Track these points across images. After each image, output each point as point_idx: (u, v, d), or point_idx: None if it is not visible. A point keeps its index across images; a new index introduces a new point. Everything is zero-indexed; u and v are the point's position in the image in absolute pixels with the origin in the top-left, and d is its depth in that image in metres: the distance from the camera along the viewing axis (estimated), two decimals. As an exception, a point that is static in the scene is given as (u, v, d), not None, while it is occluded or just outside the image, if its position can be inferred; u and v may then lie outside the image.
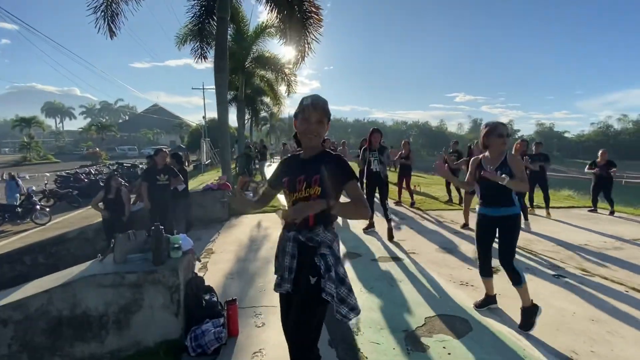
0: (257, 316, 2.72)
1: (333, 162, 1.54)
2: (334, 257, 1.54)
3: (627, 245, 4.88)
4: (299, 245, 1.57)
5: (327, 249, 1.53)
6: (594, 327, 2.62)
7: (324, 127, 1.57)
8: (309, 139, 1.56)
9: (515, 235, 2.64)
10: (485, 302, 2.88)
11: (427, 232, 5.44)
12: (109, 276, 2.14)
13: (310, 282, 1.50)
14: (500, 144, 2.61)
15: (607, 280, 3.55)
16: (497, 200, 2.62)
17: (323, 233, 1.55)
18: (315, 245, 1.54)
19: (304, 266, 1.54)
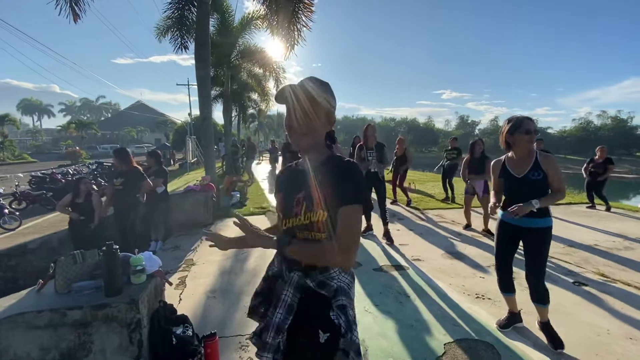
0: (243, 349, 2.25)
1: (342, 171, 1.06)
2: (352, 309, 1.10)
3: (636, 245, 4.62)
4: (303, 295, 1.09)
5: (346, 299, 1.07)
6: (635, 348, 2.26)
7: (318, 120, 1.10)
8: (293, 139, 1.13)
9: (547, 249, 2.25)
10: (509, 321, 2.49)
11: (429, 234, 5.06)
12: (45, 314, 1.63)
13: (319, 339, 1.02)
14: (527, 142, 2.21)
15: (630, 287, 3.23)
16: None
17: (339, 275, 1.09)
18: (329, 294, 1.07)
19: (306, 327, 1.06)
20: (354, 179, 1.05)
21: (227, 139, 16.01)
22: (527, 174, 2.22)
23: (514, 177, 2.28)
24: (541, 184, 2.19)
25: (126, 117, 60.72)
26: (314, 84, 1.11)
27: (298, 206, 1.08)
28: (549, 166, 2.19)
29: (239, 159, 14.45)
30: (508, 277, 2.47)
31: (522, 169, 2.25)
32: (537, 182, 2.20)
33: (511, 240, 2.39)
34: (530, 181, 2.21)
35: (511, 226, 2.30)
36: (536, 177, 2.19)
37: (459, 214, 6.09)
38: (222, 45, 13.08)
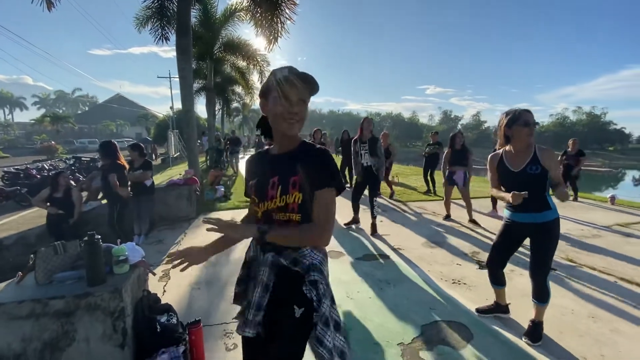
0: (228, 336, 2.30)
1: (314, 157, 1.13)
2: (325, 285, 1.16)
3: (603, 233, 4.91)
4: (278, 273, 1.15)
5: (318, 274, 1.14)
6: (596, 326, 2.45)
7: (306, 108, 1.16)
8: (289, 124, 1.13)
9: (554, 244, 2.17)
10: (492, 310, 2.53)
11: (411, 225, 5.21)
12: (26, 304, 1.62)
13: (294, 314, 1.09)
14: (526, 135, 2.11)
15: (595, 271, 3.45)
16: (529, 204, 2.10)
17: (311, 253, 1.16)
18: (303, 270, 1.14)
19: (282, 300, 1.13)
20: (327, 164, 1.12)
21: (211, 133, 15.78)
22: (524, 168, 2.14)
23: (510, 171, 2.20)
24: (539, 179, 2.11)
25: (104, 111, 58.60)
26: (302, 73, 1.14)
27: (273, 189, 1.14)
28: (550, 161, 2.11)
29: (223, 153, 14.27)
30: (501, 272, 2.43)
31: (519, 163, 2.17)
32: (534, 177, 2.11)
33: (516, 240, 2.33)
34: (528, 176, 2.12)
35: (518, 224, 2.23)
36: (534, 172, 2.11)
37: (440, 206, 6.28)
38: (204, 37, 12.83)
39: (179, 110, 32.29)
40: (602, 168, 35.00)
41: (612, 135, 57.41)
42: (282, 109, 1.11)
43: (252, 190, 1.24)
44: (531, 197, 2.05)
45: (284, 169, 1.14)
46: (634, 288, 3.06)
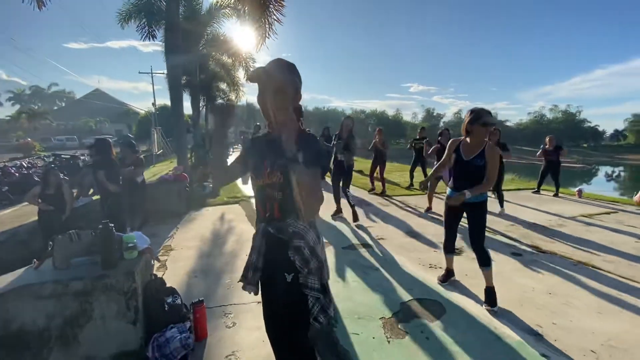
0: (227, 316, 2.53)
1: (302, 142, 1.28)
2: (309, 250, 1.33)
3: (568, 222, 5.36)
4: (268, 239, 1.35)
5: (300, 240, 1.31)
6: (553, 300, 2.81)
7: (288, 97, 1.29)
8: (268, 115, 1.30)
9: (484, 219, 2.69)
10: (447, 276, 3.04)
11: (394, 217, 5.53)
12: (48, 285, 1.81)
13: (286, 280, 1.31)
14: (482, 133, 2.54)
15: (556, 255, 3.85)
16: (469, 187, 2.56)
17: (295, 223, 1.33)
18: (287, 237, 1.32)
19: (274, 264, 1.34)
20: (313, 147, 1.28)
21: (196, 130, 15.74)
22: (472, 159, 2.55)
23: (462, 159, 2.63)
24: (481, 170, 2.55)
25: (83, 107, 56.61)
26: (283, 64, 1.29)
27: (265, 169, 1.32)
28: (490, 156, 2.52)
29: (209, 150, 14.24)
30: (452, 242, 2.93)
31: (470, 154, 2.58)
32: (478, 168, 2.55)
33: (456, 213, 2.80)
34: (473, 166, 2.56)
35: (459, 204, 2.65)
36: (478, 164, 2.53)
37: (421, 200, 6.65)
38: (189, 33, 12.78)
39: (161, 106, 31.85)
40: (576, 164, 36.58)
41: (587, 133, 59.84)
42: (261, 103, 1.29)
43: (250, 167, 1.40)
44: (472, 182, 2.55)
45: (274, 152, 1.30)
46: (590, 269, 3.46)
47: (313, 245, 1.34)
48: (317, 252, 1.36)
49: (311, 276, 1.31)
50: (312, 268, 1.31)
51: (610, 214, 5.96)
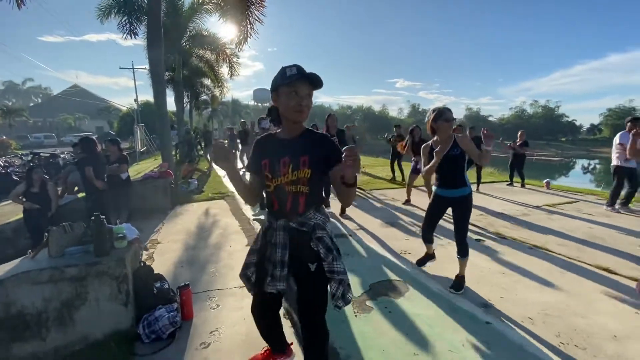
0: (211, 299, 2.76)
1: (321, 141, 1.41)
2: (330, 237, 1.46)
3: (533, 211, 5.79)
4: (290, 234, 1.43)
5: (322, 231, 1.43)
6: (505, 278, 3.16)
7: (311, 100, 1.41)
8: (298, 114, 1.37)
9: (469, 213, 2.85)
10: (425, 259, 3.28)
11: (372, 209, 5.84)
12: (46, 271, 1.99)
13: (310, 269, 1.41)
14: (447, 128, 2.73)
15: (516, 241, 4.22)
16: (453, 183, 2.76)
17: (315, 215, 1.45)
18: (309, 230, 1.42)
19: (298, 257, 1.44)
20: (334, 143, 1.42)
21: (180, 127, 15.67)
22: (448, 151, 2.70)
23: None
24: (460, 158, 2.71)
25: (60, 103, 54.81)
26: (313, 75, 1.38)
27: (285, 167, 1.39)
28: (464, 144, 2.70)
29: (194, 148, 14.24)
30: (431, 233, 3.13)
31: (444, 149, 2.72)
32: (456, 157, 2.71)
33: (441, 209, 2.94)
34: (451, 157, 2.70)
35: (443, 198, 2.85)
36: (455, 153, 2.69)
37: (400, 193, 7.00)
38: (171, 29, 12.69)
39: (144, 102, 31.26)
40: (554, 158, 38.03)
41: (565, 127, 61.96)
42: (294, 102, 1.35)
43: (265, 168, 1.44)
44: (452, 177, 2.75)
45: (294, 150, 1.39)
46: (542, 252, 3.84)
47: (331, 235, 1.49)
48: (334, 240, 1.49)
49: (336, 262, 1.43)
50: (335, 255, 1.44)
51: (572, 203, 6.44)
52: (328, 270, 1.42)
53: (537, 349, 2.12)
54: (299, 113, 1.37)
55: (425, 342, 2.19)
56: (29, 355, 2.04)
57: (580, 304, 2.68)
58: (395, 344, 2.16)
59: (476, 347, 2.14)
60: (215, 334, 2.29)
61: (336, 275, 1.42)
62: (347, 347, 2.12)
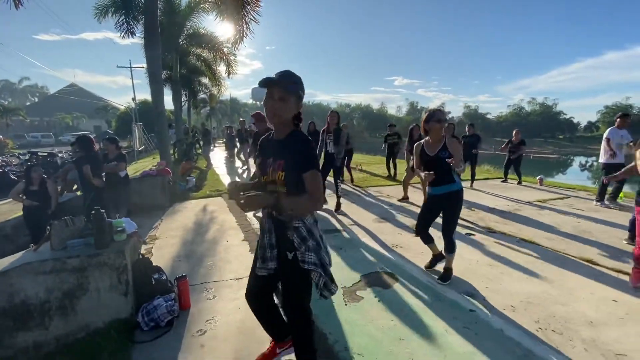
0: (208, 290, 2.87)
1: (297, 146, 1.48)
2: (307, 228, 1.55)
3: (524, 207, 5.92)
4: (274, 221, 1.60)
5: (298, 222, 1.54)
6: (491, 270, 3.27)
7: (288, 105, 1.46)
8: (269, 118, 1.51)
9: (459, 209, 2.92)
10: (433, 262, 3.25)
11: (367, 205, 5.96)
12: (48, 262, 2.09)
13: (288, 257, 1.55)
14: (438, 129, 2.82)
15: (505, 235, 4.34)
16: (441, 180, 2.84)
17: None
18: (287, 220, 1.55)
19: (282, 242, 1.58)
20: (308, 150, 1.47)
21: (178, 125, 15.72)
22: (437, 153, 2.79)
23: (429, 155, 2.87)
24: (448, 159, 2.73)
25: (57, 102, 54.56)
26: (290, 74, 1.47)
27: (269, 167, 1.53)
28: (453, 147, 2.78)
29: (193, 146, 14.31)
30: (427, 233, 3.12)
31: (434, 150, 2.83)
32: (444, 159, 2.76)
33: (435, 209, 2.99)
34: (439, 158, 2.79)
35: (437, 197, 2.91)
36: (444, 156, 2.76)
37: (396, 190, 7.11)
38: (169, 28, 12.73)
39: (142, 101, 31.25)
40: (552, 155, 38.25)
41: (562, 125, 62.23)
42: (265, 107, 1.49)
43: (259, 165, 1.61)
44: (442, 175, 2.83)
45: (276, 152, 1.52)
46: (530, 245, 3.96)
47: (309, 227, 1.56)
48: (314, 233, 1.57)
49: (308, 252, 1.53)
50: (309, 246, 1.54)
51: (563, 199, 6.57)
52: (300, 260, 1.52)
53: (516, 333, 2.24)
54: (268, 117, 1.50)
55: (411, 328, 2.30)
56: (32, 344, 2.14)
57: (562, 293, 2.80)
58: (382, 330, 2.27)
59: (459, 332, 2.25)
60: (212, 322, 2.39)
61: (306, 265, 1.51)
62: (335, 333, 2.23)
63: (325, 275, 1.57)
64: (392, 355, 2.04)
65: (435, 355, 2.04)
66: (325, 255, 1.60)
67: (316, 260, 1.53)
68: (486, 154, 31.86)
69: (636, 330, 2.30)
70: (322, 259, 1.56)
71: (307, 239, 1.53)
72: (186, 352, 2.09)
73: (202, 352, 2.09)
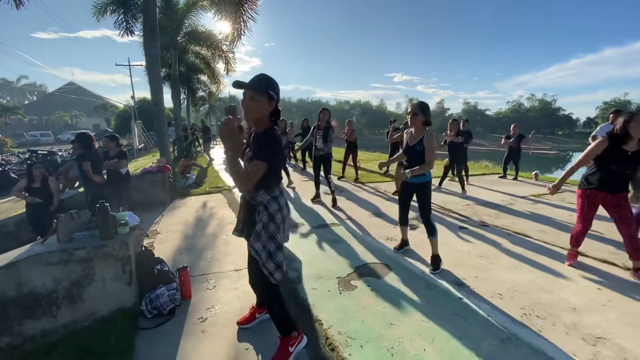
0: (208, 281, 2.98)
1: (259, 139, 1.72)
2: (268, 215, 1.78)
3: (519, 201, 6.03)
4: (245, 204, 1.92)
5: (262, 208, 1.80)
6: (481, 260, 3.39)
7: (257, 104, 1.66)
8: (244, 115, 1.72)
9: (429, 196, 3.16)
10: (402, 245, 3.57)
11: (363, 201, 6.06)
12: (56, 254, 2.20)
13: (257, 229, 1.81)
14: (417, 123, 3.03)
15: (497, 228, 4.45)
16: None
17: (262, 195, 1.79)
18: (255, 204, 1.84)
19: (249, 221, 1.88)
20: (262, 143, 1.68)
21: (177, 123, 15.78)
22: (414, 145, 3.06)
23: (408, 145, 3.15)
24: (420, 154, 3.03)
25: (56, 100, 54.47)
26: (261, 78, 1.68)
27: (245, 157, 1.82)
28: (427, 143, 2.98)
29: (192, 143, 14.38)
30: (404, 216, 3.43)
31: (413, 141, 3.09)
32: (418, 152, 3.04)
33: (408, 194, 3.31)
34: (414, 151, 3.06)
35: (408, 184, 3.22)
36: (418, 149, 3.02)
37: (391, 186, 7.21)
38: (167, 26, 12.77)
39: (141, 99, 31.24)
40: (550, 151, 38.35)
41: (561, 120, 62.31)
42: (242, 106, 1.73)
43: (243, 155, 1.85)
44: (414, 165, 3.06)
45: (250, 144, 1.81)
46: (521, 237, 4.08)
47: (273, 213, 1.80)
48: (276, 218, 1.81)
49: (256, 240, 1.78)
50: (261, 233, 1.78)
51: (558, 193, 6.67)
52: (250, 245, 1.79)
53: (501, 319, 2.36)
54: (244, 113, 1.72)
55: (402, 314, 2.41)
56: (40, 332, 2.25)
57: (548, 281, 2.91)
58: (374, 316, 2.38)
59: (447, 317, 2.37)
60: (212, 310, 2.51)
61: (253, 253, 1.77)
62: (330, 319, 2.35)
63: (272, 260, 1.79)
64: (382, 338, 2.15)
65: (424, 339, 2.15)
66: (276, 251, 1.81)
67: (260, 249, 1.76)
68: (483, 150, 32.11)
69: (616, 316, 2.41)
70: (277, 243, 1.80)
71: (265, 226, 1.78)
72: (188, 337, 2.20)
73: (202, 337, 2.21)
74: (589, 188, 3.05)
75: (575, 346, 2.09)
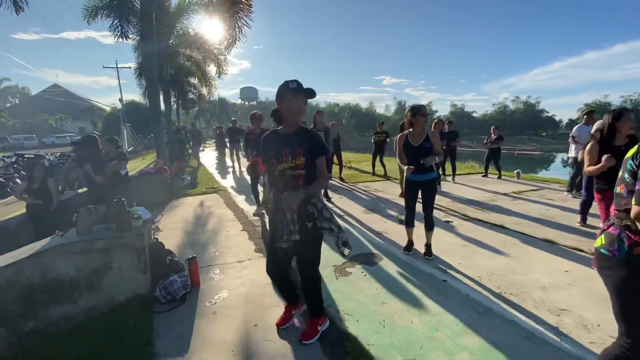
0: (215, 271, 3.21)
1: (310, 137, 1.90)
2: (321, 203, 2.00)
3: (500, 197, 6.41)
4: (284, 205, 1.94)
5: (316, 199, 1.96)
6: (464, 249, 3.71)
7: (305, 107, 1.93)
8: (298, 117, 1.89)
9: (435, 193, 3.39)
10: (408, 247, 3.65)
11: (356, 199, 6.36)
12: (79, 244, 2.40)
13: (308, 227, 1.93)
14: (423, 122, 3.22)
15: (478, 221, 4.80)
16: (421, 169, 3.21)
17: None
18: (310, 196, 1.94)
19: (301, 215, 1.92)
20: (319, 140, 1.93)
21: (168, 126, 15.83)
22: (421, 144, 3.16)
23: (412, 146, 3.23)
24: (430, 151, 3.17)
25: (40, 103, 53.16)
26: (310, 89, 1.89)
27: (286, 156, 1.89)
28: (434, 139, 3.17)
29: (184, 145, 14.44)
30: (412, 216, 3.53)
31: (417, 141, 3.19)
32: (427, 149, 3.17)
33: (415, 191, 3.40)
34: (423, 149, 3.17)
35: (414, 182, 3.34)
36: (427, 146, 3.15)
37: (383, 185, 7.54)
38: (158, 29, 12.84)
39: (129, 102, 30.98)
40: (534, 152, 39.46)
41: (545, 122, 63.92)
42: (295, 109, 1.87)
43: (272, 156, 1.94)
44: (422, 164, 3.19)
45: (291, 143, 1.90)
46: (500, 228, 4.42)
47: (324, 203, 2.05)
48: (327, 207, 2.04)
49: (326, 221, 1.97)
50: (325, 216, 1.98)
51: (537, 190, 7.10)
52: (321, 227, 1.94)
53: (479, 296, 2.67)
54: (298, 116, 1.89)
55: (393, 294, 2.70)
56: (63, 316, 2.45)
57: (522, 266, 3.25)
58: (367, 297, 2.66)
59: (432, 296, 2.67)
60: (221, 295, 2.74)
61: (324, 231, 1.96)
62: (328, 300, 2.61)
63: (341, 235, 2.02)
64: (376, 314, 2.43)
65: (411, 313, 2.44)
66: (336, 223, 2.04)
67: (331, 225, 1.97)
68: (469, 150, 32.91)
69: (579, 292, 2.75)
70: (335, 224, 2.01)
71: (323, 211, 1.95)
72: (201, 318, 2.44)
73: (214, 317, 2.44)
74: (607, 189, 3.22)
75: (543, 317, 2.41)
